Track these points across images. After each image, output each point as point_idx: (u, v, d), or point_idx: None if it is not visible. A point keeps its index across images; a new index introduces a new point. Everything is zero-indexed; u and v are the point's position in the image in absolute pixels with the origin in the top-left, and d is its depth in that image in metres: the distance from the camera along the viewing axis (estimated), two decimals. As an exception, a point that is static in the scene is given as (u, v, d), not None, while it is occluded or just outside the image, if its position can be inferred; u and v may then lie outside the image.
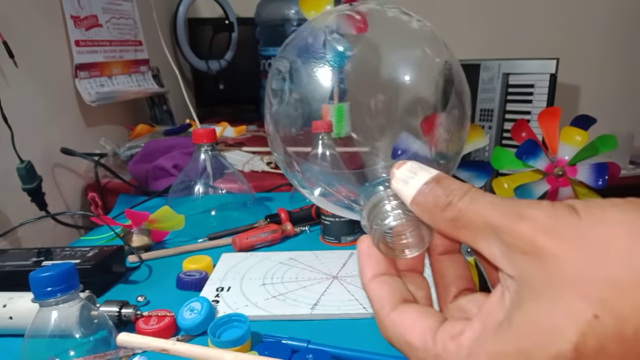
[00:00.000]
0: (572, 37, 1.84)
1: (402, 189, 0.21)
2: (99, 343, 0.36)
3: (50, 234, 0.85)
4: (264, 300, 0.52)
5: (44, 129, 0.87)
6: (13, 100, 0.77)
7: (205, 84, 1.66)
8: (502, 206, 0.18)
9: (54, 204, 0.85)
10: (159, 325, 0.46)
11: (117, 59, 1.12)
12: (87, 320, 0.36)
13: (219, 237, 0.71)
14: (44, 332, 0.35)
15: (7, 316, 0.46)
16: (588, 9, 1.81)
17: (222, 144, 1.15)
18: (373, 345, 0.44)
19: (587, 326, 0.15)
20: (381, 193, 0.23)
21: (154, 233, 0.70)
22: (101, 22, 1.05)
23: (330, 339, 0.45)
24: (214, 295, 0.54)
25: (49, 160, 0.87)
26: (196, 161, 0.75)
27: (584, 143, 0.97)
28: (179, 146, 0.98)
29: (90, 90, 0.99)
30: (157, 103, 1.34)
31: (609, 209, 0.16)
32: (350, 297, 0.52)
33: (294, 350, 0.43)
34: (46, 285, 0.34)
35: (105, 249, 0.58)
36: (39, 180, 0.77)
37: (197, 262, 0.60)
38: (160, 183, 0.91)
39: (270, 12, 1.40)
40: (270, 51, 1.40)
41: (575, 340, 0.15)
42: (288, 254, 0.65)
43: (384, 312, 0.21)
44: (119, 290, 0.58)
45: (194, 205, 0.74)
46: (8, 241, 0.75)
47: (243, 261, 0.63)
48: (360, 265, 0.23)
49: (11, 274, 0.53)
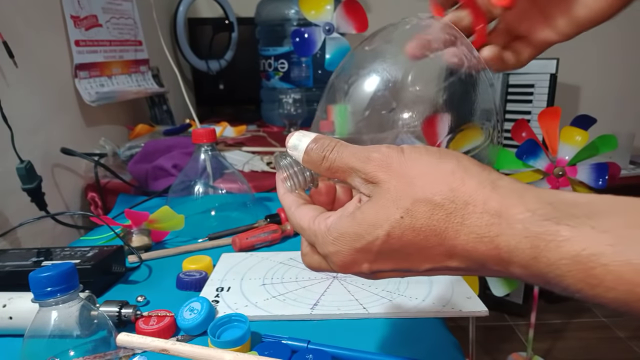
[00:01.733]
0: (572, 37, 1.84)
1: (294, 153, 0.30)
2: (98, 343, 0.36)
3: (50, 234, 0.85)
4: (264, 301, 0.52)
5: (44, 129, 0.87)
6: (13, 100, 0.77)
7: (205, 84, 1.66)
8: (358, 154, 0.28)
9: (54, 204, 0.85)
10: (159, 326, 0.46)
11: (117, 59, 1.12)
12: (87, 321, 0.36)
13: (219, 237, 0.71)
14: (44, 332, 0.35)
15: (7, 316, 0.46)
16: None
17: (222, 143, 1.15)
18: (373, 345, 0.44)
19: (395, 222, 0.25)
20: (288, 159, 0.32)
21: (153, 233, 0.70)
22: (101, 22, 1.05)
23: (330, 339, 0.45)
24: (213, 295, 0.54)
25: (48, 160, 0.87)
26: (196, 161, 0.75)
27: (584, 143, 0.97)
28: (178, 146, 0.98)
29: (90, 90, 0.99)
30: (157, 103, 1.34)
31: (424, 153, 0.26)
32: (350, 297, 0.52)
33: (293, 350, 0.43)
34: (46, 285, 0.34)
35: (105, 249, 0.58)
36: (38, 180, 0.77)
37: (197, 262, 0.60)
38: (160, 183, 0.91)
39: (270, 12, 1.40)
40: (270, 51, 1.40)
41: (387, 229, 0.26)
42: (288, 254, 0.65)
43: (291, 211, 0.31)
44: (118, 291, 0.58)
45: (193, 205, 0.74)
46: (8, 241, 0.75)
47: (243, 261, 0.63)
48: (277, 188, 0.33)
49: (11, 274, 0.53)
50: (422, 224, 0.25)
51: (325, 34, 0.94)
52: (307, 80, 1.40)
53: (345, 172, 0.28)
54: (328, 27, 0.93)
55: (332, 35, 0.94)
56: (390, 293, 0.52)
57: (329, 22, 0.93)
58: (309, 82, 1.40)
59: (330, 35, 0.94)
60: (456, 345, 0.46)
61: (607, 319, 1.75)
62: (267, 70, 1.43)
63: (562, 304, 1.85)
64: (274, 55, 1.39)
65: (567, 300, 1.87)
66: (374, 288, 0.54)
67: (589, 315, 1.79)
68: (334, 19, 0.93)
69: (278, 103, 1.41)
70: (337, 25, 0.93)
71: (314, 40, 0.95)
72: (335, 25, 0.93)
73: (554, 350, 1.60)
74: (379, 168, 0.27)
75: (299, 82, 1.40)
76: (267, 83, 1.45)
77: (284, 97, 1.39)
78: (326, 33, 0.93)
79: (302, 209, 0.31)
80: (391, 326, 0.47)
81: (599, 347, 1.61)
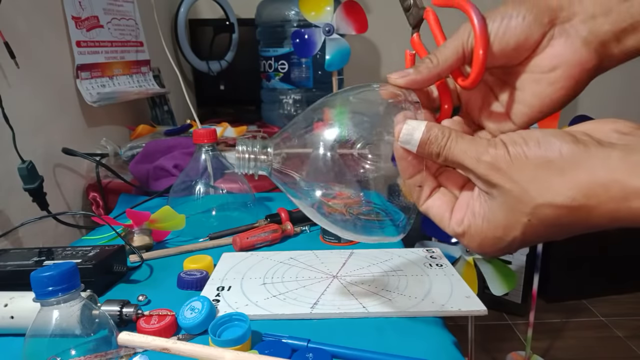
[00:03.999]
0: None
1: (407, 146, 0.33)
2: (100, 342, 0.36)
3: (52, 233, 0.85)
4: (264, 300, 0.52)
5: (46, 129, 0.87)
6: (14, 101, 0.77)
7: (206, 85, 1.66)
8: (469, 151, 0.30)
9: (55, 204, 0.85)
10: (160, 325, 0.47)
11: (118, 60, 1.12)
12: (88, 320, 0.36)
13: (220, 237, 0.72)
14: (45, 332, 0.35)
15: (9, 316, 0.46)
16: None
17: (222, 144, 1.16)
18: (373, 344, 0.44)
19: (525, 225, 0.28)
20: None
21: (155, 233, 0.70)
22: (102, 23, 1.06)
23: (330, 338, 0.45)
24: (214, 294, 0.54)
25: (50, 160, 0.88)
26: (197, 161, 0.75)
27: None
28: (179, 146, 0.98)
29: (92, 91, 0.99)
30: (158, 103, 1.34)
31: (527, 152, 0.28)
32: (350, 296, 0.52)
33: (294, 349, 0.44)
34: (47, 284, 0.35)
35: (107, 248, 0.59)
36: (40, 180, 0.77)
37: (197, 261, 0.61)
38: (161, 183, 0.91)
39: (270, 13, 1.40)
40: (271, 52, 1.41)
41: (521, 230, 0.29)
42: (288, 253, 0.65)
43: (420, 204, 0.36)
44: (120, 290, 0.58)
45: (194, 205, 0.74)
46: (9, 241, 0.75)
47: (243, 261, 0.63)
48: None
49: (12, 274, 0.53)
50: (551, 223, 0.28)
51: (325, 35, 0.94)
52: (307, 81, 1.40)
53: (459, 166, 0.31)
54: (328, 28, 0.93)
55: (332, 36, 0.94)
56: (390, 292, 0.53)
57: (329, 23, 0.93)
58: (309, 83, 1.40)
59: (330, 36, 0.94)
60: (455, 344, 0.46)
61: (606, 319, 1.75)
62: (268, 71, 1.43)
63: (561, 303, 1.85)
64: (274, 56, 1.39)
65: (566, 300, 1.87)
66: (373, 287, 0.54)
67: (587, 315, 1.79)
68: (333, 20, 0.93)
69: (278, 104, 1.42)
70: (337, 26, 0.94)
71: (314, 41, 0.95)
72: (335, 26, 0.93)
73: (552, 349, 1.60)
74: (489, 171, 0.29)
75: (299, 82, 1.40)
76: (267, 84, 1.45)
77: (284, 97, 1.40)
78: (326, 34, 0.94)
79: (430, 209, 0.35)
80: (390, 325, 0.47)
81: (598, 347, 1.61)
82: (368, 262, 0.61)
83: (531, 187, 0.27)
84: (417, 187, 0.35)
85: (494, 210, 0.30)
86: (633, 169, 0.25)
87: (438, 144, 0.31)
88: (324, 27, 0.94)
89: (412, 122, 0.32)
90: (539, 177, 0.27)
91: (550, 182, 0.27)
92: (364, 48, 1.87)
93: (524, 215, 0.28)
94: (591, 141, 0.27)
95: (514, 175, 0.28)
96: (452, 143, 0.31)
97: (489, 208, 0.30)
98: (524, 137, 0.28)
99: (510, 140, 0.29)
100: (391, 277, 0.57)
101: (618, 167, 0.25)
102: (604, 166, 0.25)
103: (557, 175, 0.26)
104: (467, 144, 0.30)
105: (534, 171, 0.27)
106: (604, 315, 1.77)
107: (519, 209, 0.28)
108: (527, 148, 0.28)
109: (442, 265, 0.60)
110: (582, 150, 0.26)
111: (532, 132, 0.28)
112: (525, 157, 0.27)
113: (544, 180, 0.27)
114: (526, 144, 0.28)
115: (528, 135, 0.28)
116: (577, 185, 0.26)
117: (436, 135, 0.31)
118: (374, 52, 1.89)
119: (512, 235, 0.29)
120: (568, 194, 0.26)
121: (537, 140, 0.28)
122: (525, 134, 0.28)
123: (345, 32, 0.94)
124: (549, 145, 0.27)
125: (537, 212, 0.27)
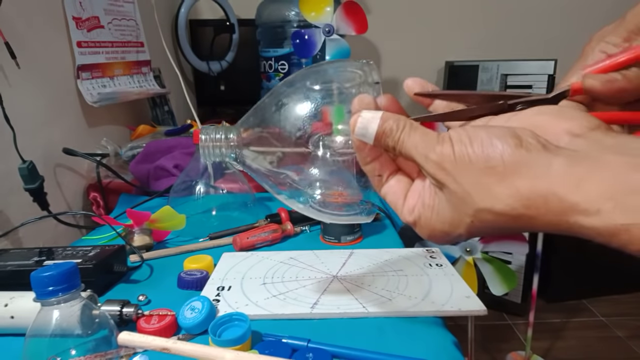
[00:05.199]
0: (570, 38, 1.84)
1: (363, 139, 0.33)
2: (100, 342, 0.36)
3: (52, 233, 0.85)
4: (265, 300, 0.52)
5: (46, 129, 0.87)
6: (15, 101, 0.77)
7: (207, 85, 1.66)
8: (419, 147, 0.30)
9: (56, 204, 0.85)
10: (160, 325, 0.47)
11: (118, 60, 1.12)
12: (89, 320, 0.37)
13: (220, 237, 0.72)
14: (45, 332, 0.35)
15: (9, 315, 0.46)
16: (586, 10, 1.81)
17: (222, 144, 1.15)
18: (372, 344, 0.44)
19: (468, 224, 0.29)
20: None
21: (155, 233, 0.70)
22: (103, 23, 1.06)
23: (330, 338, 0.45)
24: (214, 294, 0.54)
25: (50, 160, 0.88)
26: (197, 161, 0.75)
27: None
28: (180, 146, 0.99)
29: (92, 91, 0.99)
30: (158, 104, 1.34)
31: (471, 153, 0.27)
32: (350, 296, 0.52)
33: (294, 349, 0.44)
34: (48, 284, 0.35)
35: (107, 248, 0.59)
36: (40, 180, 0.77)
37: (198, 261, 0.61)
38: (161, 183, 0.91)
39: (270, 14, 1.40)
40: (271, 52, 1.41)
41: (465, 228, 0.29)
42: (288, 253, 0.65)
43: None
44: (120, 290, 0.58)
45: (195, 205, 0.75)
46: (10, 241, 0.75)
47: (243, 261, 0.63)
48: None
49: (13, 274, 0.53)
50: (492, 226, 0.28)
51: (325, 36, 0.94)
52: (307, 81, 1.40)
53: (411, 160, 0.31)
54: (328, 28, 0.93)
55: (332, 37, 0.94)
56: (390, 292, 0.53)
57: (329, 24, 0.93)
58: (310, 83, 1.40)
59: (330, 36, 0.94)
60: (455, 344, 0.46)
61: (606, 319, 1.75)
62: (268, 71, 1.43)
63: (561, 303, 1.85)
64: (275, 56, 1.39)
65: (566, 300, 1.87)
66: (373, 287, 0.54)
67: (587, 315, 1.79)
68: (333, 20, 0.93)
69: (278, 104, 1.42)
70: (337, 26, 0.94)
71: (314, 42, 0.95)
72: (335, 26, 0.94)
73: (552, 349, 1.60)
74: (436, 170, 0.29)
75: (300, 82, 1.40)
76: (267, 84, 1.45)
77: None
78: (326, 34, 0.94)
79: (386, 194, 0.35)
80: (390, 325, 0.48)
81: (598, 347, 1.61)
82: (368, 262, 0.61)
83: (473, 190, 0.27)
84: (376, 177, 0.35)
85: (442, 205, 0.30)
86: (573, 182, 0.24)
87: (392, 137, 0.31)
88: (324, 28, 0.94)
89: (366, 113, 0.32)
90: (481, 182, 0.27)
91: (491, 188, 0.27)
92: (364, 48, 1.87)
93: (467, 216, 0.28)
94: (536, 145, 0.26)
95: (457, 177, 0.28)
96: (405, 136, 0.31)
97: (439, 201, 0.31)
98: (470, 136, 0.28)
99: (457, 138, 0.28)
100: (391, 277, 0.57)
101: (558, 178, 0.25)
102: (544, 176, 0.25)
103: (498, 182, 0.26)
104: (419, 139, 0.30)
105: (476, 175, 0.27)
106: (604, 315, 1.77)
107: (463, 210, 0.29)
108: (471, 149, 0.28)
109: (442, 265, 0.60)
110: (524, 156, 0.26)
111: (478, 131, 0.28)
112: (468, 159, 0.28)
113: (485, 186, 0.27)
114: (471, 144, 0.28)
115: (474, 134, 0.28)
116: (517, 193, 0.26)
117: (391, 127, 0.31)
118: (374, 52, 1.89)
119: (457, 232, 0.30)
120: (508, 201, 0.26)
121: (481, 142, 0.27)
122: (471, 133, 0.28)
123: (345, 32, 0.94)
124: (492, 148, 0.27)
125: (479, 215, 0.28)
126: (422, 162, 0.30)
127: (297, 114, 0.39)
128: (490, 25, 1.84)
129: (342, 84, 0.38)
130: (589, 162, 0.25)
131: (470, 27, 1.84)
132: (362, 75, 0.37)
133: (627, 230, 0.23)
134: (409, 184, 0.35)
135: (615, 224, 0.23)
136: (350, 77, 0.37)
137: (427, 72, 1.89)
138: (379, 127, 0.32)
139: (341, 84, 0.38)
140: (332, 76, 0.40)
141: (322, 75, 0.40)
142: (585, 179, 0.24)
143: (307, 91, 0.39)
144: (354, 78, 0.37)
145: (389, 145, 0.32)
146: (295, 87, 0.40)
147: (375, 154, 0.35)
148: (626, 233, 0.23)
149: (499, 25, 1.84)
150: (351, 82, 0.37)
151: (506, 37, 1.84)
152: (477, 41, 1.84)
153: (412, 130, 0.31)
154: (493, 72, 1.61)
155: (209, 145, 0.42)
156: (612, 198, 0.23)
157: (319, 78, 0.39)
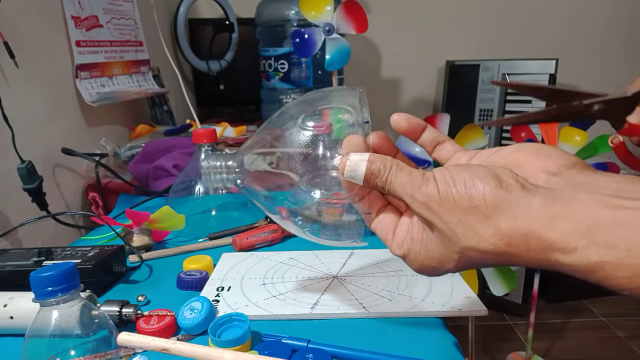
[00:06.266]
0: (571, 37, 1.84)
1: (353, 180, 0.34)
2: (99, 343, 0.36)
3: (51, 233, 0.85)
4: (264, 300, 0.52)
5: (45, 129, 0.87)
6: (14, 100, 0.77)
7: (206, 84, 1.66)
8: (406, 187, 0.32)
9: (55, 204, 0.85)
10: (160, 325, 0.46)
11: (117, 60, 1.12)
12: (88, 320, 0.36)
13: (219, 237, 0.72)
14: (45, 332, 0.35)
15: (8, 316, 0.46)
16: (588, 9, 1.81)
17: (222, 144, 1.16)
18: (373, 344, 0.44)
19: (456, 260, 0.30)
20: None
21: (154, 233, 0.70)
22: (102, 22, 1.06)
23: (330, 338, 0.45)
24: (214, 294, 0.54)
25: (49, 160, 0.87)
26: (196, 161, 0.75)
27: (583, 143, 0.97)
28: (179, 146, 0.98)
29: (91, 91, 0.99)
30: (157, 103, 1.34)
31: (455, 194, 0.29)
32: (350, 296, 0.52)
33: (294, 349, 0.44)
34: (47, 285, 0.34)
35: (106, 248, 0.59)
36: (39, 180, 0.77)
37: (197, 261, 0.61)
38: (160, 183, 0.91)
39: (270, 13, 1.40)
40: (271, 51, 1.41)
41: (453, 264, 0.31)
42: (288, 253, 0.65)
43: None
44: (119, 290, 0.58)
45: (194, 205, 0.74)
46: (9, 241, 0.75)
47: (243, 261, 0.63)
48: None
49: (12, 274, 0.53)
50: (478, 262, 0.30)
51: (325, 35, 0.94)
52: (307, 81, 1.40)
53: (399, 199, 0.33)
54: (328, 27, 0.93)
55: (332, 36, 0.94)
56: (390, 293, 0.53)
57: (329, 23, 0.93)
58: (309, 83, 1.40)
59: (330, 35, 0.94)
60: (456, 344, 0.46)
61: (607, 319, 1.75)
62: (268, 70, 1.43)
63: (561, 304, 1.85)
64: (274, 55, 1.39)
65: (567, 300, 1.87)
66: (373, 288, 0.54)
67: (588, 315, 1.79)
68: (333, 19, 0.93)
69: (278, 103, 1.42)
70: (337, 25, 0.93)
71: (314, 41, 0.95)
72: (335, 25, 0.93)
73: (553, 349, 1.60)
74: (422, 210, 0.31)
75: (299, 82, 1.40)
76: (267, 83, 1.45)
77: (284, 97, 1.39)
78: (326, 34, 0.94)
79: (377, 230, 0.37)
80: (391, 325, 0.47)
81: (598, 347, 1.61)
82: (368, 262, 0.61)
83: (458, 229, 0.29)
84: (366, 213, 0.37)
85: (431, 241, 0.32)
86: (549, 220, 0.25)
87: (381, 178, 0.33)
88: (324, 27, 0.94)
89: (354, 156, 0.34)
90: (465, 221, 0.28)
91: (475, 228, 0.28)
92: (364, 48, 1.87)
93: (455, 253, 0.30)
94: (515, 185, 0.28)
95: (443, 216, 0.29)
96: (393, 177, 0.33)
97: (427, 237, 0.32)
98: (453, 177, 0.30)
99: (440, 178, 0.30)
100: (391, 277, 0.57)
101: (536, 217, 0.26)
102: (524, 215, 0.26)
103: (481, 222, 0.28)
104: (405, 179, 0.32)
105: (460, 215, 0.29)
106: (605, 315, 1.77)
107: (450, 247, 0.30)
108: (454, 189, 0.29)
109: (443, 266, 0.59)
110: (505, 196, 0.27)
111: (461, 171, 0.30)
112: (453, 199, 0.29)
113: (470, 225, 0.28)
114: (454, 184, 0.29)
115: (456, 174, 0.30)
116: (499, 232, 0.27)
117: (379, 169, 0.33)
118: (374, 52, 1.89)
119: (445, 267, 0.32)
120: (491, 240, 0.27)
121: (464, 182, 0.29)
122: (454, 173, 0.30)
123: (345, 31, 0.94)
124: (474, 189, 0.28)
125: (465, 252, 0.29)
126: (409, 202, 0.32)
127: (289, 154, 0.42)
128: (491, 24, 1.84)
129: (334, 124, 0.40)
130: (563, 200, 0.26)
131: (471, 27, 1.84)
132: (353, 114, 0.38)
133: (602, 268, 0.24)
134: (397, 218, 0.37)
135: (590, 261, 0.24)
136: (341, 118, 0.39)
137: (427, 71, 1.89)
138: (367, 170, 0.33)
139: (333, 125, 0.40)
140: (324, 112, 0.42)
141: (315, 114, 0.42)
142: (559, 216, 0.25)
143: (300, 130, 0.42)
144: (345, 119, 0.39)
145: (377, 185, 0.34)
146: (288, 126, 0.43)
147: (364, 192, 0.36)
148: (602, 270, 0.24)
149: (499, 25, 1.84)
150: (341, 123, 0.39)
151: (507, 36, 1.84)
152: (477, 40, 1.84)
153: (399, 170, 0.33)
154: (494, 72, 1.61)
155: (210, 172, 0.44)
156: (584, 236, 0.24)
157: (313, 118, 0.42)
